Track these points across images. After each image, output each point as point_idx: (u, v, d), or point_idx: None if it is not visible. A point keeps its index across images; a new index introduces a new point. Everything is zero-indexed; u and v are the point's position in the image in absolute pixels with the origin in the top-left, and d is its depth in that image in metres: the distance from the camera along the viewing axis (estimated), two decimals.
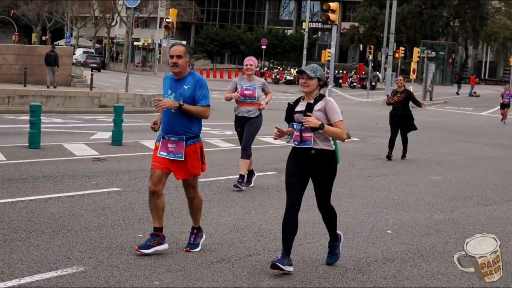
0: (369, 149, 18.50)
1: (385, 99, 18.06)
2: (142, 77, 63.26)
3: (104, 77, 54.55)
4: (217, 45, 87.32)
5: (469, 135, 25.22)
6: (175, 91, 6.93)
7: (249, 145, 11.06)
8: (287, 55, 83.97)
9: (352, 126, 23.41)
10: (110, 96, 27.62)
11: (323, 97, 6.58)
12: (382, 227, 8.86)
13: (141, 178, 11.46)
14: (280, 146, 17.44)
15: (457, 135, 24.91)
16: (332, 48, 29.41)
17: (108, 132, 17.57)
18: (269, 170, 13.39)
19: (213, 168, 12.97)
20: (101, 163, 12.92)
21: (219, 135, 19.66)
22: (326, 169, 6.55)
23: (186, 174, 7.00)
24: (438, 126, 28.84)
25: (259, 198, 10.45)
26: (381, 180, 13.08)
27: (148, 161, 12.63)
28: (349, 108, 35.91)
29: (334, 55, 29.32)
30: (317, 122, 6.38)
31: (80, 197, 9.61)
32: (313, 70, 6.55)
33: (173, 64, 6.88)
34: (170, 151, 6.93)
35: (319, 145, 6.51)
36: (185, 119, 6.89)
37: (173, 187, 10.59)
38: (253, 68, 11.02)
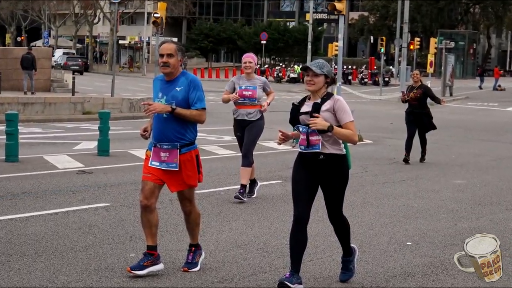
0: (384, 152, 18.50)
1: (400, 96, 18.06)
2: (130, 79, 63.31)
3: (87, 81, 54.59)
4: (211, 41, 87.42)
5: (495, 134, 25.23)
6: (166, 94, 6.94)
7: (250, 152, 11.06)
8: (289, 51, 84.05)
9: (364, 127, 23.41)
10: (94, 102, 27.65)
11: (331, 95, 6.59)
12: (400, 239, 8.86)
13: (131, 191, 11.46)
14: (285, 152, 17.44)
15: (481, 134, 24.91)
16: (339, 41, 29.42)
17: (94, 141, 17.58)
18: (274, 179, 13.39)
19: (211, 178, 12.97)
20: (87, 176, 12.92)
21: (217, 141, 19.67)
22: (336, 175, 6.55)
23: (182, 185, 7.01)
24: (459, 124, 28.84)
25: (263, 210, 10.45)
26: (398, 186, 13.07)
27: (138, 172, 12.61)
28: (361, 107, 35.92)
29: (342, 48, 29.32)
30: (325, 123, 6.39)
31: (65, 214, 9.61)
32: (319, 66, 6.56)
33: (164, 64, 6.89)
34: (163, 161, 6.94)
35: (328, 149, 6.52)
36: (179, 124, 6.90)
37: (168, 201, 10.59)
38: (253, 66, 11.03)
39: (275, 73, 68.39)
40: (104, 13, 77.85)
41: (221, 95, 12.34)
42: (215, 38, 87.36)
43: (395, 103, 42.00)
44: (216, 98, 38.75)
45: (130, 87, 49.31)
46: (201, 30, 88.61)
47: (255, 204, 10.87)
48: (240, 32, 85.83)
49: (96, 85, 49.74)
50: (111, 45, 72.33)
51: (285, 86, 60.67)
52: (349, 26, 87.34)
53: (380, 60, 61.24)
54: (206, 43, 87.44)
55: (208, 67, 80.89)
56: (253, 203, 10.94)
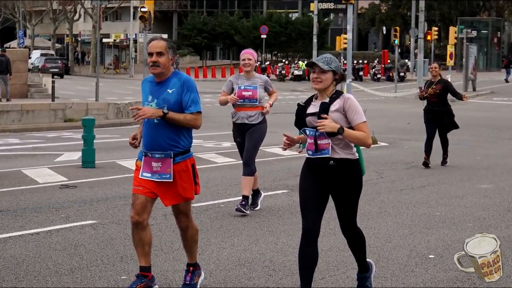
0: (401, 155, 18.49)
1: (418, 93, 18.05)
2: (116, 82, 63.34)
3: (69, 84, 54.64)
4: (206, 37, 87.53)
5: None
6: (157, 97, 6.95)
7: (252, 159, 11.07)
8: (293, 45, 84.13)
9: (379, 128, 23.40)
10: (77, 108, 27.69)
11: (341, 94, 6.60)
12: (422, 251, 8.86)
13: (120, 206, 11.47)
14: (291, 158, 17.44)
15: (509, 133, 24.90)
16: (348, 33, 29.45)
17: (77, 152, 17.59)
18: (279, 188, 13.40)
19: (210, 190, 12.98)
20: (71, 191, 12.93)
21: (215, 148, 19.68)
22: (349, 183, 6.56)
23: (176, 198, 7.01)
24: (485, 122, 28.83)
25: (268, 223, 10.45)
26: (418, 193, 13.07)
27: (128, 185, 12.62)
28: (374, 106, 35.93)
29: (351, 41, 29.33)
30: (335, 125, 6.40)
31: (47, 234, 9.62)
32: (326, 61, 6.57)
33: (153, 63, 6.90)
34: (155, 172, 6.95)
35: (338, 153, 6.52)
36: (172, 130, 6.91)
37: (161, 216, 10.59)
38: (252, 63, 11.04)
39: (278, 70, 68.44)
40: (85, 9, 77.97)
41: (217, 96, 12.35)
42: (210, 33, 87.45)
43: (412, 100, 41.98)
44: (213, 100, 38.77)
45: (117, 90, 49.35)
46: (193, 25, 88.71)
47: (259, 217, 10.87)
48: (238, 26, 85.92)
49: (78, 89, 49.78)
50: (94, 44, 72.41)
51: (289, 84, 60.70)
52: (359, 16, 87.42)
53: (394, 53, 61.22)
54: (200, 39, 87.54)
55: (202, 65, 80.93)
56: (257, 216, 10.95)
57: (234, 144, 11.85)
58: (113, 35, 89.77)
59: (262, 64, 70.55)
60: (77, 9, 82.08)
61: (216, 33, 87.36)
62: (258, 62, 66.33)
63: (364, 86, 51.51)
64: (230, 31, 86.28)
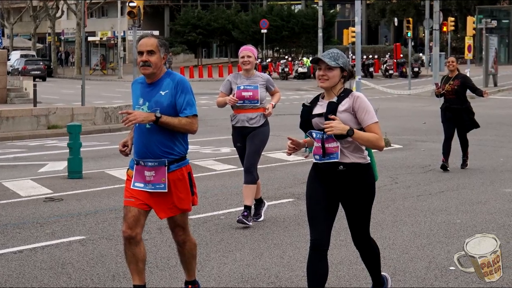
0: (417, 158, 18.49)
1: (434, 89, 18.05)
2: (103, 84, 63.36)
3: (52, 88, 54.66)
4: (200, 33, 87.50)
5: None
6: (148, 100, 6.96)
7: (254, 165, 11.07)
8: (296, 40, 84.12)
9: (392, 129, 23.39)
10: (61, 113, 27.68)
11: (350, 92, 6.61)
12: (442, 262, 8.85)
13: (111, 220, 11.47)
14: (297, 164, 17.44)
15: None
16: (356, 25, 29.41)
17: (63, 161, 17.59)
18: (284, 197, 13.40)
19: (208, 200, 12.98)
20: (56, 204, 12.93)
21: (213, 155, 19.68)
22: (360, 189, 6.56)
23: (172, 210, 7.02)
24: (508, 120, 28.81)
25: (273, 235, 10.45)
26: (436, 199, 13.07)
27: (119, 197, 12.62)
28: (386, 104, 35.93)
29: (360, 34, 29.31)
30: (344, 126, 6.40)
31: (31, 252, 9.62)
32: (333, 57, 6.58)
33: (144, 63, 6.91)
34: (148, 181, 6.95)
35: (348, 158, 6.53)
36: (165, 136, 6.92)
37: (156, 229, 10.59)
38: (252, 61, 11.05)
39: (280, 68, 68.42)
40: (68, 5, 77.98)
41: (215, 98, 12.35)
42: (205, 29, 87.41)
43: (427, 98, 41.98)
44: (210, 102, 38.76)
45: (104, 93, 49.37)
46: (187, 20, 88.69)
47: (262, 228, 10.87)
48: (235, 20, 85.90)
49: (62, 92, 49.80)
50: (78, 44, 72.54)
51: (293, 83, 60.71)
52: (368, 7, 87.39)
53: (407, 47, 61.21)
54: (194, 36, 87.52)
55: (198, 64, 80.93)
56: (261, 227, 10.95)
57: (234, 149, 11.85)
58: (99, 33, 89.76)
59: (263, 61, 70.54)
60: (59, 5, 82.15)
61: (212, 28, 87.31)
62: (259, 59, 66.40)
63: (375, 83, 51.50)
64: (227, 26, 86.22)
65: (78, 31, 72.03)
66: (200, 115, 7.38)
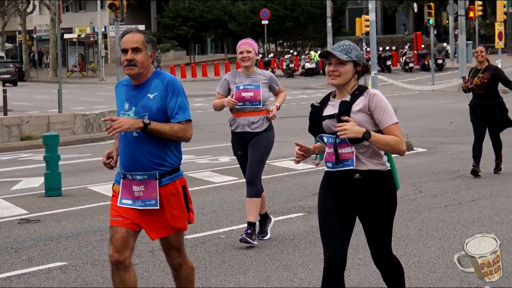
0: (444, 163, 18.48)
1: (461, 84, 18.05)
2: (83, 88, 63.39)
3: (25, 93, 54.70)
4: (193, 26, 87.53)
5: None
6: (135, 104, 6.96)
7: (257, 176, 11.06)
8: (302, 32, 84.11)
9: (414, 131, 23.37)
10: (36, 122, 27.69)
11: (365, 90, 6.61)
12: (476, 281, 8.83)
13: (96, 243, 11.46)
14: (306, 173, 17.43)
15: None
16: (370, 13, 29.46)
17: (39, 177, 17.59)
18: (293, 211, 13.39)
19: (206, 217, 12.97)
20: (33, 227, 12.92)
21: (211, 165, 19.67)
22: (379, 200, 6.56)
23: (165, 230, 7.01)
24: None
25: (281, 255, 10.44)
26: (467, 210, 13.06)
27: (104, 216, 12.61)
28: (407, 102, 35.93)
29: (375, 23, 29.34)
30: (359, 129, 6.40)
31: (5, 282, 9.60)
32: (345, 50, 6.58)
33: (128, 62, 6.91)
34: (137, 197, 6.95)
35: (365, 164, 6.53)
36: (155, 145, 6.92)
37: (148, 252, 10.58)
38: (252, 57, 11.05)
39: (284, 64, 68.48)
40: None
41: (211, 100, 12.36)
42: (197, 21, 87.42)
43: (454, 94, 41.97)
44: (205, 105, 38.79)
45: (85, 98, 49.41)
46: (177, 12, 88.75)
47: (269, 248, 10.86)
48: (232, 11, 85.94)
49: (36, 98, 49.84)
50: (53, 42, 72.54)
51: (299, 81, 60.73)
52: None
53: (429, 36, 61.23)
54: (186, 30, 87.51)
55: (190, 62, 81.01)
56: (267, 247, 10.94)
57: (234, 158, 11.84)
58: (77, 30, 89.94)
59: (264, 57, 70.61)
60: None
61: (205, 21, 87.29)
62: (260, 54, 66.35)
63: (393, 78, 51.53)
64: (222, 17, 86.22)
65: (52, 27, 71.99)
66: (195, 120, 7.38)
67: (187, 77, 67.14)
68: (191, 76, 68.69)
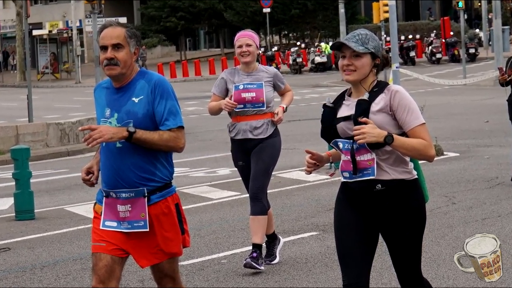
0: (480, 169, 18.48)
1: (497, 76, 18.07)
2: (56, 92, 63.45)
3: None
4: (182, 17, 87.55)
5: None
6: (117, 110, 6.96)
7: (263, 190, 11.06)
8: (310, 20, 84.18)
9: (444, 132, 23.39)
10: (2, 133, 27.71)
11: (385, 86, 6.61)
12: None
13: (76, 273, 11.47)
14: (319, 185, 17.44)
15: None
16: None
17: (8, 198, 17.60)
18: (305, 230, 13.39)
19: (204, 240, 12.98)
20: (2, 256, 12.94)
21: (208, 179, 19.69)
22: (406, 215, 6.56)
23: (157, 255, 7.01)
24: None
25: (293, 281, 10.45)
26: (508, 223, 13.06)
27: (85, 241, 12.62)
28: (434, 100, 35.95)
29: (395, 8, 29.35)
30: (380, 132, 6.40)
31: None
32: (360, 40, 6.59)
33: (109, 61, 6.92)
34: (123, 218, 6.95)
35: (388, 173, 6.53)
36: (143, 157, 6.93)
37: (137, 282, 10.58)
38: (253, 51, 11.05)
39: (291, 58, 68.40)
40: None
41: (206, 103, 12.37)
42: (188, 11, 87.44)
43: (489, 88, 41.98)
44: (200, 108, 38.83)
45: (58, 104, 49.45)
46: (163, 1, 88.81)
47: (278, 273, 10.87)
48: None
49: (2, 106, 49.89)
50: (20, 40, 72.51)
51: (308, 78, 60.77)
52: None
53: (458, 22, 61.26)
54: (174, 21, 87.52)
55: (181, 59, 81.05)
56: (276, 272, 10.94)
57: (234, 170, 11.85)
58: (47, 25, 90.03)
59: (267, 51, 70.66)
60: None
61: (197, 10, 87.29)
62: (261, 48, 66.43)
63: (418, 72, 51.55)
64: (217, 6, 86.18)
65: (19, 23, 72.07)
66: (188, 127, 7.39)
67: (177, 77, 67.18)
68: (182, 76, 68.71)
